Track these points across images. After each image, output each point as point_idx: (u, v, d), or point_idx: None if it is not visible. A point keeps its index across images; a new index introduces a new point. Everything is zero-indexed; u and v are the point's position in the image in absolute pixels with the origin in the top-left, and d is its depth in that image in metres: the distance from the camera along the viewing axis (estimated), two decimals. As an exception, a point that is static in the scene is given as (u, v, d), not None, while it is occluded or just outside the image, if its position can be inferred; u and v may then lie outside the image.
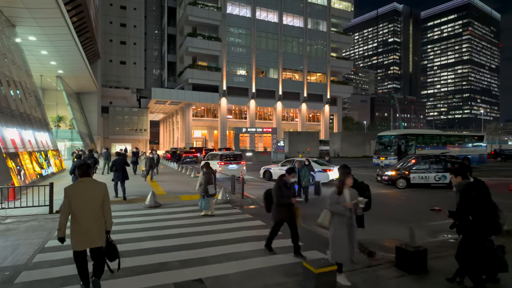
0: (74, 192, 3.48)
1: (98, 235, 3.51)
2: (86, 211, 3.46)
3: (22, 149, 12.25)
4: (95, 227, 3.49)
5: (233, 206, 8.57)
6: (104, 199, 3.61)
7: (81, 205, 3.45)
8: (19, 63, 16.47)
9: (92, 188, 3.58)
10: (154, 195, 8.52)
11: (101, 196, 3.58)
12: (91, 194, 3.53)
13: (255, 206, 8.74)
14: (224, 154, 14.41)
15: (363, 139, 33.89)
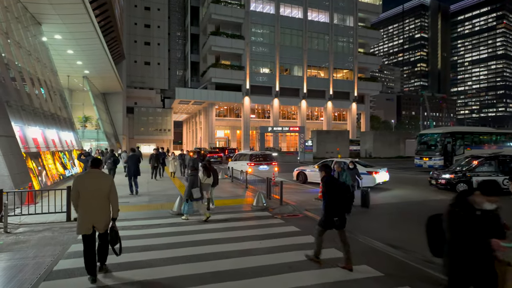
0: (82, 181, 3.86)
1: (102, 221, 3.84)
2: (92, 199, 3.80)
3: (45, 149, 11.68)
4: (100, 214, 3.83)
5: (273, 215, 7.36)
6: (111, 189, 3.94)
7: (88, 193, 3.80)
8: (44, 62, 16.14)
9: (99, 179, 3.93)
10: (182, 201, 7.47)
11: (107, 187, 3.92)
12: (98, 185, 3.88)
13: (298, 214, 7.48)
14: (254, 154, 13.25)
15: (397, 138, 31.67)
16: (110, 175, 4.34)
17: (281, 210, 7.73)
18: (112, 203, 3.94)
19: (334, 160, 12.23)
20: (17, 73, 11.44)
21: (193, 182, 6.92)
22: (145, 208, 8.01)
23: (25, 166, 8.83)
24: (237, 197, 9.47)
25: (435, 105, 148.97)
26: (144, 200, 9.06)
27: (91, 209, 3.80)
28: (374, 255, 4.83)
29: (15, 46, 12.12)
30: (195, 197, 6.83)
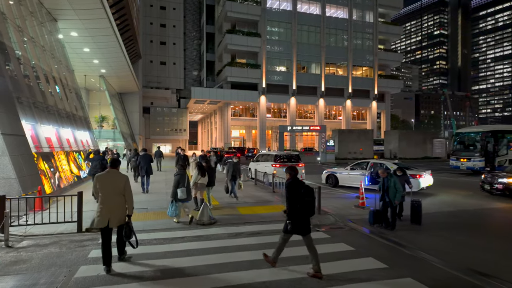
0: (102, 179, 4.24)
1: (117, 216, 4.18)
2: (110, 195, 4.18)
3: (59, 149, 11.01)
4: (116, 210, 4.17)
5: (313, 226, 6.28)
6: (125, 187, 4.26)
7: (107, 190, 4.18)
8: (60, 59, 15.61)
9: (116, 178, 4.27)
10: (207, 208, 6.51)
11: (123, 185, 4.24)
12: (115, 183, 4.22)
13: (342, 226, 6.38)
14: (279, 155, 12.17)
15: (423, 137, 29.86)
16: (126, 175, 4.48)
17: (320, 221, 6.64)
18: (127, 200, 4.28)
19: (369, 161, 11.04)
20: (30, 69, 10.82)
21: (178, 182, 6.49)
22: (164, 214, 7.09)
23: (35, 168, 8.10)
24: (266, 203, 8.43)
25: (455, 103, 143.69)
26: (164, 205, 8.15)
27: (108, 205, 4.14)
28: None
29: (29, 41, 11.53)
30: (179, 198, 6.37)
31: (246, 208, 7.72)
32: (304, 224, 4.07)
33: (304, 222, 4.07)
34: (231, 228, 6.01)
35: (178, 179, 6.54)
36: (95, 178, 4.31)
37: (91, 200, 8.68)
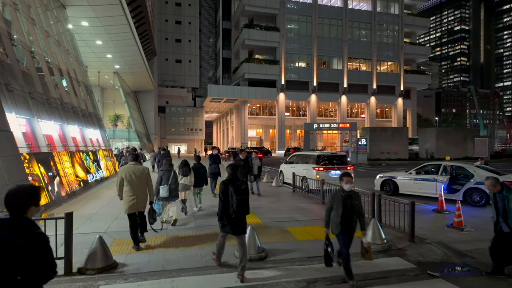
0: (128, 171, 4.80)
1: (142, 203, 4.83)
2: (135, 185, 4.76)
3: (62, 148, 9.28)
4: (140, 197, 4.79)
5: (417, 266, 4.14)
6: (148, 178, 4.93)
7: (132, 181, 4.75)
8: (68, 49, 14.00)
9: (138, 169, 4.87)
10: (254, 234, 4.47)
11: (145, 176, 4.90)
12: (138, 174, 4.81)
13: (460, 265, 4.22)
14: (322, 156, 10.04)
15: (464, 136, 26.95)
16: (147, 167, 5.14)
17: (422, 254, 4.47)
18: (149, 189, 4.97)
19: (442, 164, 8.78)
20: (28, 54, 9.13)
21: (161, 178, 6.09)
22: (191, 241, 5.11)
23: (23, 173, 6.31)
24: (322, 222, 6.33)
25: (479, 101, 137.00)
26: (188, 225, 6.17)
27: (135, 193, 4.73)
28: None
29: (29, 23, 9.86)
30: (160, 196, 5.98)
31: (300, 229, 5.62)
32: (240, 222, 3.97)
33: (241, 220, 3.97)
34: (294, 269, 3.95)
35: (161, 175, 6.12)
36: (121, 170, 4.89)
37: (98, 215, 6.84)
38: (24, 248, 1.59)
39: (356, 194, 3.74)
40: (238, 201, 3.76)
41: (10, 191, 1.71)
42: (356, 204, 3.65)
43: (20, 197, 1.72)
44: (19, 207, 1.70)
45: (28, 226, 1.67)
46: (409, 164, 24.12)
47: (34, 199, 1.76)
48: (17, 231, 1.63)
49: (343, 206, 3.57)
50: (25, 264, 1.58)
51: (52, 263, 1.72)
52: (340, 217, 3.57)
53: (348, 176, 3.68)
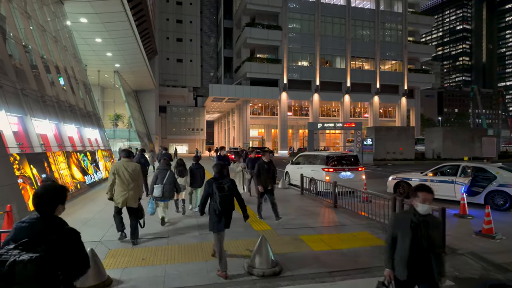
0: (119, 167, 4.94)
1: (133, 198, 4.91)
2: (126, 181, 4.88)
3: (57, 149, 8.79)
4: (131, 193, 4.90)
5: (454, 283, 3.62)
6: (139, 175, 5.06)
7: (124, 177, 4.88)
8: (66, 46, 13.51)
9: (130, 166, 5.01)
10: (267, 244, 3.94)
11: (137, 172, 5.02)
12: (130, 170, 4.93)
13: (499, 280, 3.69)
14: (331, 156, 9.52)
15: (471, 135, 26.36)
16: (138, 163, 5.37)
17: (457, 269, 3.93)
18: (139, 185, 5.07)
19: (461, 164, 8.25)
20: (21, 48, 8.64)
21: (156, 177, 6.11)
22: (195, 252, 4.59)
23: (11, 176, 5.81)
24: (339, 228, 5.75)
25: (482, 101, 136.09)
26: (192, 233, 5.66)
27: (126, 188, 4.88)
28: None
29: (23, 17, 9.38)
30: (154, 195, 5.94)
31: (314, 238, 5.09)
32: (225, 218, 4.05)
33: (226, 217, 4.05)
34: (313, 287, 3.44)
35: (157, 174, 6.16)
36: (113, 166, 5.03)
37: (93, 221, 6.35)
38: (58, 244, 1.65)
39: (435, 220, 2.50)
40: (220, 198, 3.90)
41: (38, 192, 1.78)
42: (435, 236, 2.41)
43: (48, 197, 1.77)
44: (48, 206, 1.76)
45: (58, 223, 1.75)
46: (416, 165, 23.58)
47: (61, 198, 1.83)
48: (49, 228, 1.69)
49: (413, 238, 2.35)
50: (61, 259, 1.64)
51: (85, 258, 1.79)
52: (408, 254, 2.37)
53: (426, 192, 2.42)
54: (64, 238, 1.70)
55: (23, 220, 1.72)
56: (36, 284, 1.52)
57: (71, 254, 1.70)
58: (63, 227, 1.75)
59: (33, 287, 1.52)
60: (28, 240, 1.58)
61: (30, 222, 1.69)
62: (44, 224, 1.69)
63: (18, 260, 1.50)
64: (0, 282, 1.48)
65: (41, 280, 1.54)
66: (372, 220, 6.15)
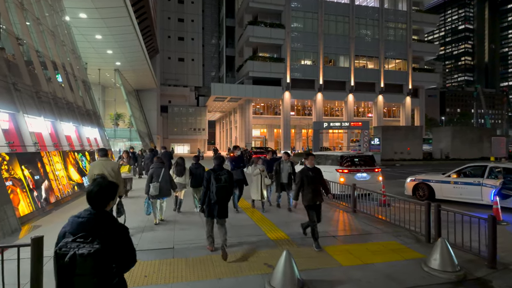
0: (98, 166, 5.00)
1: None
2: None
3: (53, 148, 8.21)
4: None
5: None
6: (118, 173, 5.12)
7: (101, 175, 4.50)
8: (64, 41, 12.94)
9: (109, 164, 5.08)
10: (289, 262, 3.33)
11: (116, 170, 5.07)
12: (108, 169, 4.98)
13: None
14: (346, 156, 8.92)
15: (479, 135, 25.70)
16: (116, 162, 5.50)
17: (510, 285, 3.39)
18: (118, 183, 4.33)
19: (488, 165, 7.62)
20: (14, 41, 8.05)
21: (151, 176, 6.07)
22: (205, 268, 3.99)
23: (-1, 178, 5.22)
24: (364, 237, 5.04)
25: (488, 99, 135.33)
26: (201, 243, 5.05)
27: None
28: None
29: (18, 8, 8.81)
30: (150, 194, 5.88)
31: (340, 249, 4.47)
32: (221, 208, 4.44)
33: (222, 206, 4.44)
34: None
35: (152, 173, 6.10)
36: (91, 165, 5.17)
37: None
38: (111, 238, 1.73)
39: None
40: (217, 189, 4.19)
41: (92, 190, 1.88)
42: None
43: (101, 194, 1.86)
44: (101, 203, 1.85)
45: (110, 218, 1.83)
46: (424, 165, 22.94)
47: (112, 195, 1.92)
48: (102, 223, 1.78)
49: None
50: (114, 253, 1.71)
51: (133, 252, 1.87)
52: None
53: None
54: (115, 233, 1.78)
55: (78, 214, 1.79)
56: (94, 275, 1.61)
57: (122, 248, 1.77)
58: (115, 223, 1.82)
59: (91, 278, 1.60)
60: (85, 234, 1.68)
61: (85, 217, 1.76)
62: (98, 219, 1.76)
63: (78, 253, 1.59)
64: (62, 274, 1.59)
65: (99, 272, 1.62)
66: (398, 227, 5.54)
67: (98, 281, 1.62)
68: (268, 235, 5.18)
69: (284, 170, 7.33)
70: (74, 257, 1.58)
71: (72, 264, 1.57)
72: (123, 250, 1.79)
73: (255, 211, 6.86)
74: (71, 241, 1.65)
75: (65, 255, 1.58)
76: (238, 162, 7.31)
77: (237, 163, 7.30)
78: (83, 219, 1.77)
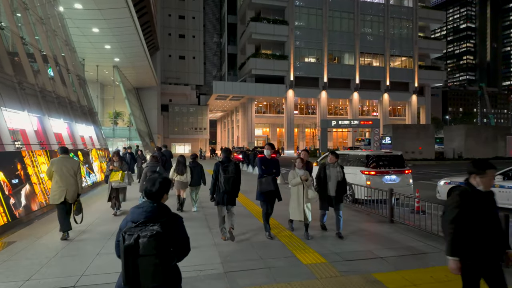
0: (57, 163, 5.03)
1: (70, 194, 5.03)
2: (64, 177, 4.98)
3: (38, 146, 7.16)
4: (69, 188, 5.01)
5: None
6: (77, 171, 5.16)
7: (60, 172, 4.97)
8: (55, 31, 11.89)
9: (69, 162, 5.13)
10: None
11: (75, 168, 5.13)
12: (69, 167, 5.05)
13: None
14: (372, 156, 7.86)
15: (494, 133, 24.62)
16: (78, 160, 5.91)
17: None
18: (78, 182, 5.14)
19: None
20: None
21: (145, 174, 6.10)
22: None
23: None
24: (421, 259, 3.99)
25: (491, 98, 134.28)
26: (211, 263, 3.99)
27: (62, 184, 4.96)
28: None
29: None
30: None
31: (397, 278, 3.25)
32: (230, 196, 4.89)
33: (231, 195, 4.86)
34: None
35: (146, 171, 6.22)
36: (51, 162, 5.14)
37: (75, 245, 4.75)
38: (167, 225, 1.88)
39: None
40: (224, 179, 4.57)
41: (149, 184, 2.07)
42: None
43: (157, 188, 2.04)
44: (157, 196, 2.05)
45: (165, 209, 2.01)
46: (438, 165, 21.87)
47: (167, 188, 2.12)
48: (159, 212, 1.95)
49: None
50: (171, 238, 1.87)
51: (187, 239, 2.04)
52: None
53: None
54: (171, 220, 1.96)
55: (139, 205, 1.99)
56: (156, 256, 1.76)
57: (178, 235, 1.94)
58: (170, 212, 2.01)
59: (154, 259, 1.76)
60: (146, 220, 1.87)
61: (145, 206, 1.96)
62: (157, 209, 1.95)
63: (142, 235, 1.76)
64: (128, 255, 1.74)
65: (160, 253, 1.78)
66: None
67: (160, 262, 1.77)
68: (298, 256, 4.11)
69: (332, 177, 5.26)
70: (138, 239, 1.74)
71: (137, 246, 1.73)
72: (179, 237, 1.95)
73: (293, 237, 5.07)
74: (134, 226, 1.82)
75: (131, 236, 1.75)
76: (269, 166, 5.16)
77: (268, 168, 5.14)
78: (144, 208, 1.93)
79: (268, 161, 5.18)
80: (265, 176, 5.02)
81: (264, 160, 5.20)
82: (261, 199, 5.07)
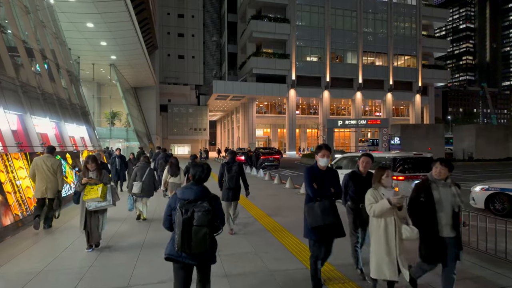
0: (38, 162, 5.34)
1: (50, 190, 5.40)
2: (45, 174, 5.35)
3: (15, 149, 6.19)
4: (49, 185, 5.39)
5: None
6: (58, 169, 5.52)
7: (43, 171, 5.34)
8: (43, 23, 10.92)
9: (50, 161, 5.42)
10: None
11: (56, 167, 5.48)
12: (49, 165, 5.37)
13: None
14: (399, 158, 6.93)
15: (505, 134, 23.74)
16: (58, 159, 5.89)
17: None
18: (58, 179, 5.51)
19: None
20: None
21: (135, 174, 6.22)
22: None
23: None
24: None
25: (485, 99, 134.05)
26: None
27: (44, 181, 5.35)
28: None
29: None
30: (133, 191, 6.04)
31: None
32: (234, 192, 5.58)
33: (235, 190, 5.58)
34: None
35: (136, 171, 6.28)
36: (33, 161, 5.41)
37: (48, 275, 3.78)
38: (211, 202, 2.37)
39: None
40: (228, 178, 5.37)
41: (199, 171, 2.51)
42: None
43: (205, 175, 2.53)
44: (203, 180, 2.52)
45: (208, 190, 2.48)
46: (449, 166, 21.00)
47: (209, 174, 2.57)
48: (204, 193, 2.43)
49: None
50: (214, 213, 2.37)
51: (223, 215, 2.57)
52: None
53: None
54: (212, 199, 2.43)
55: (187, 186, 2.45)
56: (207, 226, 2.26)
57: (218, 211, 2.43)
58: (210, 193, 2.47)
59: (205, 229, 2.24)
60: (196, 198, 2.35)
61: (195, 188, 2.42)
62: (202, 190, 2.41)
63: (196, 210, 2.26)
64: (185, 225, 2.22)
65: (209, 224, 2.28)
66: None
67: (208, 231, 2.27)
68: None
69: (445, 204, 3.01)
70: (193, 213, 2.24)
71: (192, 217, 2.23)
72: (219, 212, 2.45)
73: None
74: (187, 203, 2.31)
75: (187, 211, 2.25)
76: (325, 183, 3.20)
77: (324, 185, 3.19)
78: (194, 189, 2.40)
79: (322, 174, 3.16)
80: (318, 199, 3.06)
81: (315, 173, 3.16)
82: (313, 238, 3.10)
